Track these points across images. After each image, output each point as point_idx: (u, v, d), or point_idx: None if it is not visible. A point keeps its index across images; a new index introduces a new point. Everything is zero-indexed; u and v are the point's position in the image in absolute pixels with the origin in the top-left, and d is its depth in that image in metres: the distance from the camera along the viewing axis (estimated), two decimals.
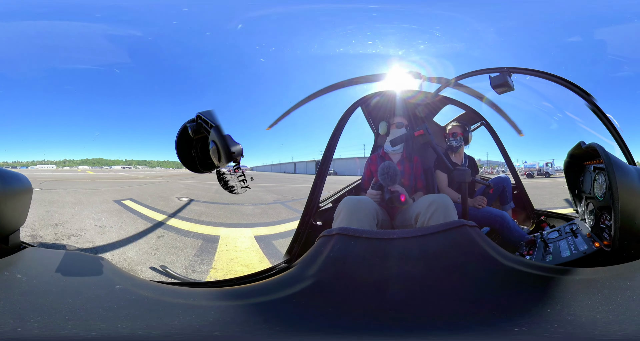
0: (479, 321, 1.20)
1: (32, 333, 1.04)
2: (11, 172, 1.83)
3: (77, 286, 1.44)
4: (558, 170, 4.20)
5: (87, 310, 1.19)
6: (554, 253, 2.39)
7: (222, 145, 1.54)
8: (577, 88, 2.48)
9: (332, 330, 1.19)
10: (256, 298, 1.39)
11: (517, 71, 2.48)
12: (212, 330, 1.14)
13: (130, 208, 4.76)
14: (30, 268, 1.59)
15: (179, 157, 1.94)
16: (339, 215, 2.21)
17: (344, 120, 2.73)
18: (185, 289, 1.60)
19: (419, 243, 1.51)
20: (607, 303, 1.20)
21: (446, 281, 1.41)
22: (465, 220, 1.61)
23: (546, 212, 3.48)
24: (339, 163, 4.64)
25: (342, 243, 1.50)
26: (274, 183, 5.98)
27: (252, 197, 5.37)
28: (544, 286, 1.37)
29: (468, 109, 3.39)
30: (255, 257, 3.23)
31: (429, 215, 2.16)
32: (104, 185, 5.90)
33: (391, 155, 3.02)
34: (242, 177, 1.83)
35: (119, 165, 6.17)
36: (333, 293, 1.39)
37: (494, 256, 1.47)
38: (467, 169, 2.52)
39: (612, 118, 2.51)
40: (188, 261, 3.12)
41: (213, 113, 1.69)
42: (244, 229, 4.13)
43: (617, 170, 1.76)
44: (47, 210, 4.39)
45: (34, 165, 5.70)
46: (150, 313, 1.22)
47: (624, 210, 1.71)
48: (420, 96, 3.00)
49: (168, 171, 6.32)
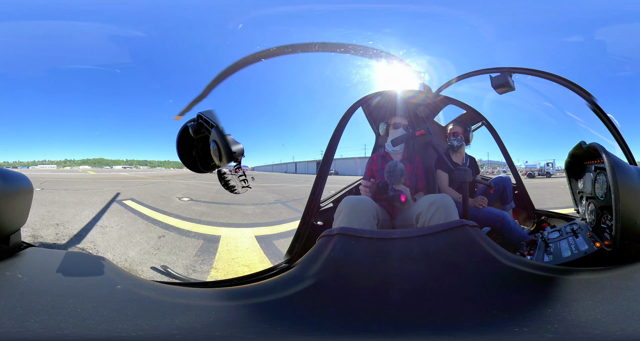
0: (479, 321, 1.20)
1: (33, 333, 1.04)
2: (12, 171, 1.83)
3: (78, 286, 1.45)
4: (559, 170, 4.19)
5: (88, 310, 1.19)
6: (554, 253, 2.39)
7: (223, 144, 1.54)
8: (578, 88, 2.48)
9: (333, 329, 1.19)
10: (257, 298, 1.39)
11: (518, 71, 2.48)
12: (213, 330, 1.14)
13: (131, 208, 4.76)
14: (31, 268, 1.59)
15: (180, 157, 1.94)
16: (339, 215, 2.21)
17: (345, 120, 2.73)
18: (186, 289, 1.61)
19: (420, 243, 1.51)
20: (608, 303, 1.20)
21: (447, 281, 1.41)
22: (466, 220, 1.61)
23: (547, 212, 3.47)
24: (340, 163, 4.63)
25: (343, 243, 1.50)
26: (275, 183, 5.98)
27: (253, 196, 5.37)
28: (544, 286, 1.37)
29: (469, 109, 3.39)
30: (256, 257, 3.23)
31: (430, 215, 2.16)
32: (105, 185, 5.91)
33: (392, 155, 3.02)
34: (243, 176, 1.84)
35: (119, 165, 6.17)
36: (334, 293, 1.39)
37: (495, 256, 1.47)
38: (468, 169, 2.51)
39: (612, 118, 2.52)
40: (189, 261, 3.12)
41: (214, 113, 1.70)
42: (244, 229, 4.13)
43: (618, 170, 1.76)
44: (48, 210, 4.39)
45: (34, 165, 5.69)
46: (151, 313, 1.23)
47: (624, 210, 1.71)
48: (421, 96, 2.99)
49: (169, 171, 6.31)
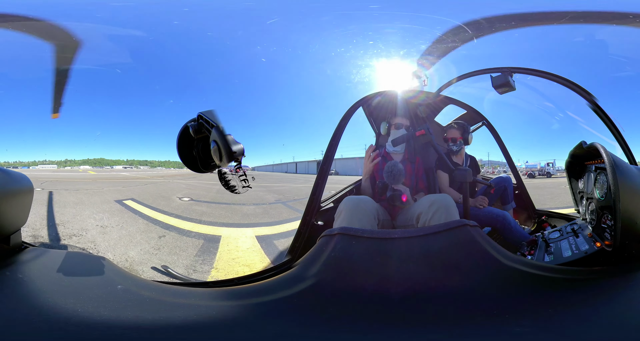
0: (480, 321, 1.20)
1: (34, 333, 1.04)
2: (12, 171, 1.83)
3: (79, 286, 1.45)
4: (559, 170, 4.18)
5: (89, 310, 1.19)
6: (555, 253, 2.39)
7: (224, 144, 1.54)
8: (579, 88, 2.48)
9: (334, 329, 1.19)
10: (258, 297, 1.39)
11: (518, 71, 2.48)
12: (214, 329, 1.15)
13: (132, 208, 4.76)
14: (31, 269, 1.59)
15: (180, 156, 1.94)
16: (340, 214, 2.21)
17: (345, 120, 2.73)
18: (186, 289, 1.61)
19: (420, 243, 1.51)
20: (609, 303, 1.20)
21: (447, 281, 1.41)
22: (466, 220, 1.61)
23: (547, 212, 3.47)
24: (340, 163, 4.62)
25: (344, 242, 1.50)
26: (275, 183, 5.97)
27: (254, 196, 5.36)
28: (545, 286, 1.37)
29: (469, 109, 3.39)
30: (256, 257, 3.23)
31: (431, 215, 2.16)
32: (105, 185, 5.91)
33: (393, 155, 3.02)
34: (243, 176, 1.84)
35: (120, 165, 6.16)
36: (334, 292, 1.39)
37: (496, 256, 1.47)
38: (468, 169, 2.52)
39: (613, 118, 2.51)
40: (189, 261, 3.12)
41: (214, 113, 1.69)
42: (245, 229, 4.12)
43: (619, 170, 1.76)
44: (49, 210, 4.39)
45: (35, 165, 5.69)
46: (152, 313, 1.23)
47: (625, 210, 1.70)
48: (421, 96, 2.99)
49: (169, 171, 6.30)
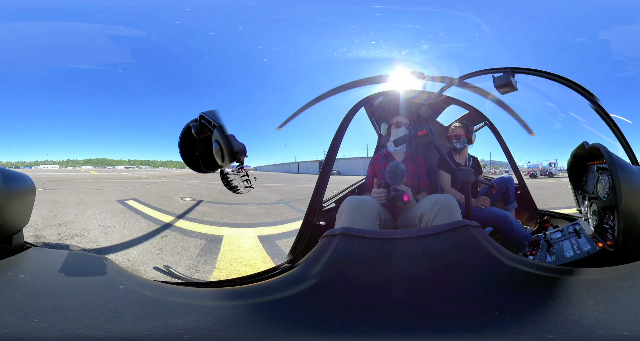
0: (482, 321, 1.20)
1: (36, 333, 1.04)
2: (14, 172, 1.83)
3: (81, 286, 1.45)
4: (561, 170, 4.19)
5: (91, 310, 1.19)
6: (557, 253, 2.38)
7: (226, 144, 1.54)
8: (581, 89, 2.47)
9: (336, 329, 1.19)
10: (260, 297, 1.39)
11: (520, 71, 2.47)
12: (216, 329, 1.15)
13: (134, 208, 4.77)
14: (33, 269, 1.60)
15: (182, 157, 1.94)
16: (342, 215, 2.21)
17: (348, 120, 2.74)
18: (188, 289, 1.61)
19: (422, 244, 1.51)
20: (611, 304, 1.20)
21: (449, 282, 1.41)
22: (468, 220, 1.61)
23: (549, 212, 3.47)
24: (342, 163, 4.63)
25: (345, 243, 1.50)
26: (277, 183, 5.98)
27: (256, 196, 5.37)
28: (547, 286, 1.37)
29: (471, 109, 3.38)
30: (258, 257, 3.23)
31: (434, 215, 2.15)
32: (108, 185, 5.92)
33: (394, 155, 3.02)
34: (245, 176, 1.84)
35: (122, 165, 6.18)
36: (336, 292, 1.39)
37: (497, 257, 1.47)
38: (470, 169, 2.51)
39: (615, 119, 2.51)
40: (191, 261, 3.12)
41: (216, 113, 1.70)
42: (247, 229, 4.13)
43: (621, 170, 1.76)
44: (51, 210, 4.40)
45: (37, 165, 5.71)
46: (154, 313, 1.23)
47: (627, 210, 1.70)
48: (423, 96, 3.00)
49: (171, 171, 6.32)
